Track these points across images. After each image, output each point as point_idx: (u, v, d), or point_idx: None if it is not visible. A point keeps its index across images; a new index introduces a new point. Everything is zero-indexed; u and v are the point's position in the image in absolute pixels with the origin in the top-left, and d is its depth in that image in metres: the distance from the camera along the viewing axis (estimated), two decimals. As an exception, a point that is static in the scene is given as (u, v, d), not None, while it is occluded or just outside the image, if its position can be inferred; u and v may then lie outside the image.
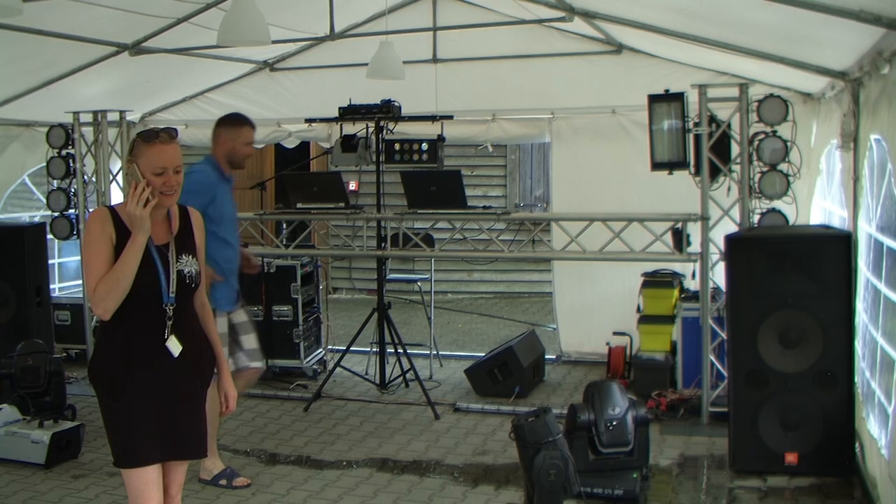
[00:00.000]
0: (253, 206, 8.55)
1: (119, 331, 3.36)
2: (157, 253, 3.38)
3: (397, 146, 7.05)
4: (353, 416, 6.78)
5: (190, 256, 3.48)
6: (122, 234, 3.31)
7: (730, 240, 5.57)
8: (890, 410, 4.31)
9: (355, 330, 7.43)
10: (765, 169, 6.15)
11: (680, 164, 6.32)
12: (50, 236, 8.03)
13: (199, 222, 3.63)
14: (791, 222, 6.21)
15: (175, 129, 3.51)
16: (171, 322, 3.38)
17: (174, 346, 3.39)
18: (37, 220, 8.55)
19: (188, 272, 3.45)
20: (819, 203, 6.68)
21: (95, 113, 7.86)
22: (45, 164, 8.04)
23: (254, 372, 5.54)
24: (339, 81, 7.78)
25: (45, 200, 8.30)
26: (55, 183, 7.98)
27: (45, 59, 6.76)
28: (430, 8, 7.88)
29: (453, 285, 11.87)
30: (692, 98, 6.30)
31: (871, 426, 4.85)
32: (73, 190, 7.97)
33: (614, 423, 5.04)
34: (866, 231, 5.10)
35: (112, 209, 3.40)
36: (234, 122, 5.41)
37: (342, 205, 7.23)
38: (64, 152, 7.92)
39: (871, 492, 4.74)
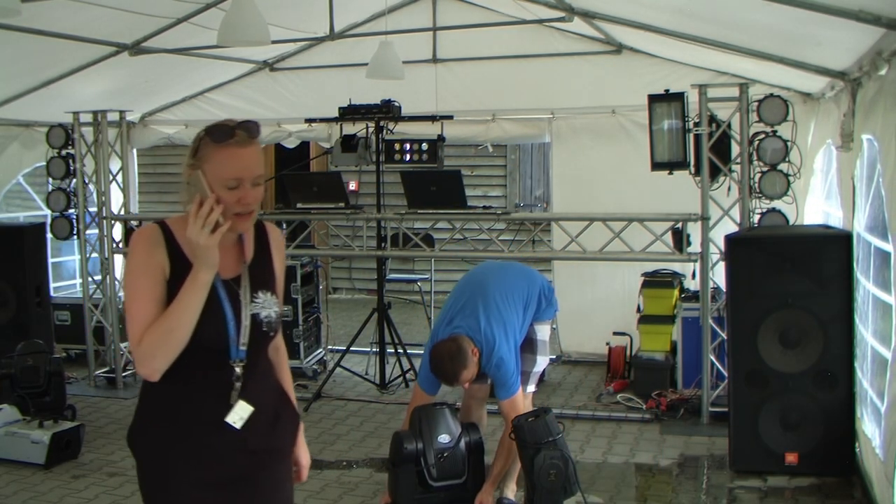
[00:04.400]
0: (253, 207, 8.55)
1: (169, 395, 2.47)
2: (226, 290, 2.46)
3: (397, 146, 7.06)
4: (353, 416, 6.78)
5: (268, 294, 2.54)
6: (179, 263, 2.40)
7: (730, 240, 5.57)
8: (882, 410, 4.32)
9: (355, 330, 7.44)
10: (765, 169, 6.15)
11: (680, 164, 6.32)
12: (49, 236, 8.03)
13: (278, 242, 2.65)
14: (791, 222, 6.21)
15: (255, 123, 2.47)
16: (239, 384, 2.47)
17: (241, 412, 2.47)
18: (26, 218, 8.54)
19: (265, 316, 2.51)
20: (813, 203, 6.68)
21: (95, 113, 7.85)
22: (41, 163, 8.05)
23: None
24: (339, 81, 7.79)
25: (39, 200, 8.29)
26: (53, 183, 7.98)
27: (44, 59, 6.76)
28: (429, 8, 7.88)
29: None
30: (692, 98, 6.30)
31: (866, 426, 4.86)
32: (72, 190, 7.97)
33: (445, 454, 4.65)
34: (856, 231, 5.11)
35: (165, 226, 2.46)
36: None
37: (342, 205, 7.22)
38: (64, 152, 7.91)
39: (870, 491, 4.74)
